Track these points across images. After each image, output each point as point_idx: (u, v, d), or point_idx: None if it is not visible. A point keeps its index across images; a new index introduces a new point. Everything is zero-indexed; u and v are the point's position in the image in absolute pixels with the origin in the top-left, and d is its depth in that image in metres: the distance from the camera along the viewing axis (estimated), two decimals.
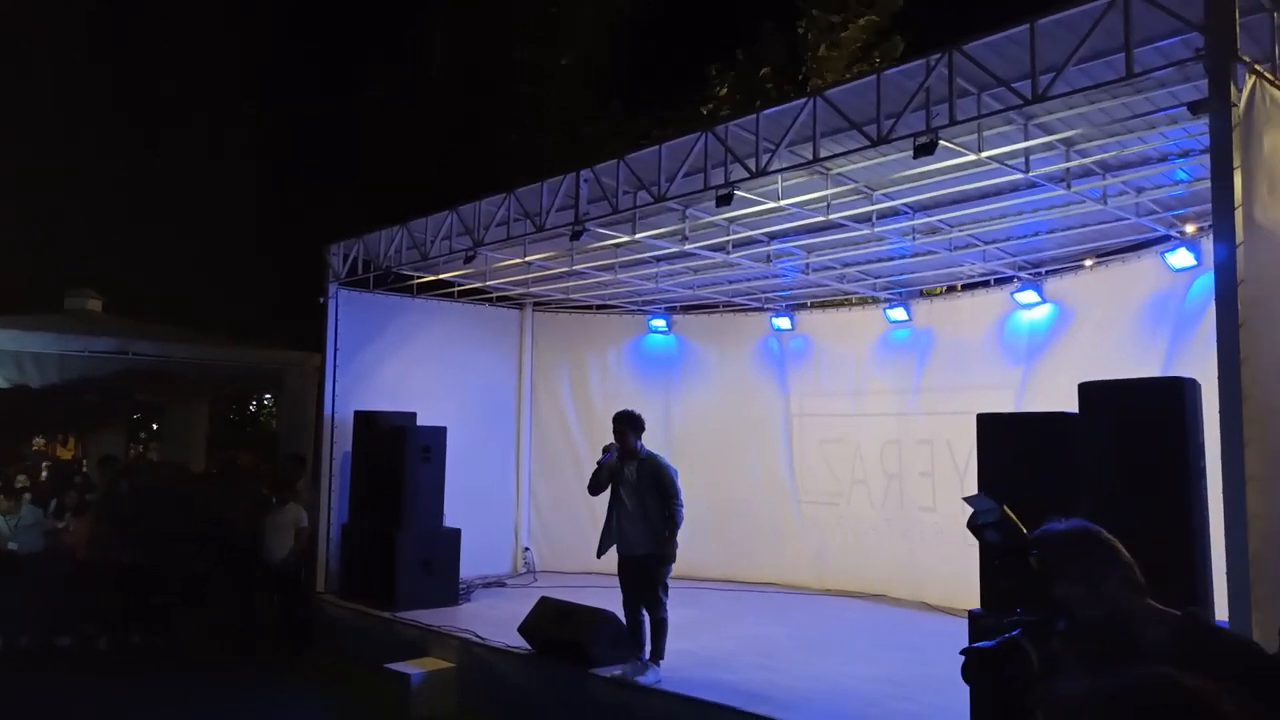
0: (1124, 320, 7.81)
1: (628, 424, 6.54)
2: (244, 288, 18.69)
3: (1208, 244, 7.01)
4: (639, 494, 6.41)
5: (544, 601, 7.16)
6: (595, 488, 6.65)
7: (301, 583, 9.26)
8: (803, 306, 10.89)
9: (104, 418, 14.97)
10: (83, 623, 8.95)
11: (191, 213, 18.69)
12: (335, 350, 9.55)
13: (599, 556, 6.65)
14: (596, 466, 6.66)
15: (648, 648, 6.42)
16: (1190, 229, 7.35)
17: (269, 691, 7.69)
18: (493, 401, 10.94)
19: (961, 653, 2.07)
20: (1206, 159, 6.04)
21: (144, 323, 12.62)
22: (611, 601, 7.09)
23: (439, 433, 9.07)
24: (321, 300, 9.67)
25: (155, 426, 20.05)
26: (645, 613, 6.47)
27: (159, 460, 15.15)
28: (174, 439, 15.60)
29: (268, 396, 20.42)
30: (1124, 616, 2.05)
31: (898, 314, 9.81)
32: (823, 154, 5.93)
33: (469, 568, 9.41)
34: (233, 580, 9.35)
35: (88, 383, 11.19)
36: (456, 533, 9.07)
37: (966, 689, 5.10)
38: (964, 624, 5.37)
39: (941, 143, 5.36)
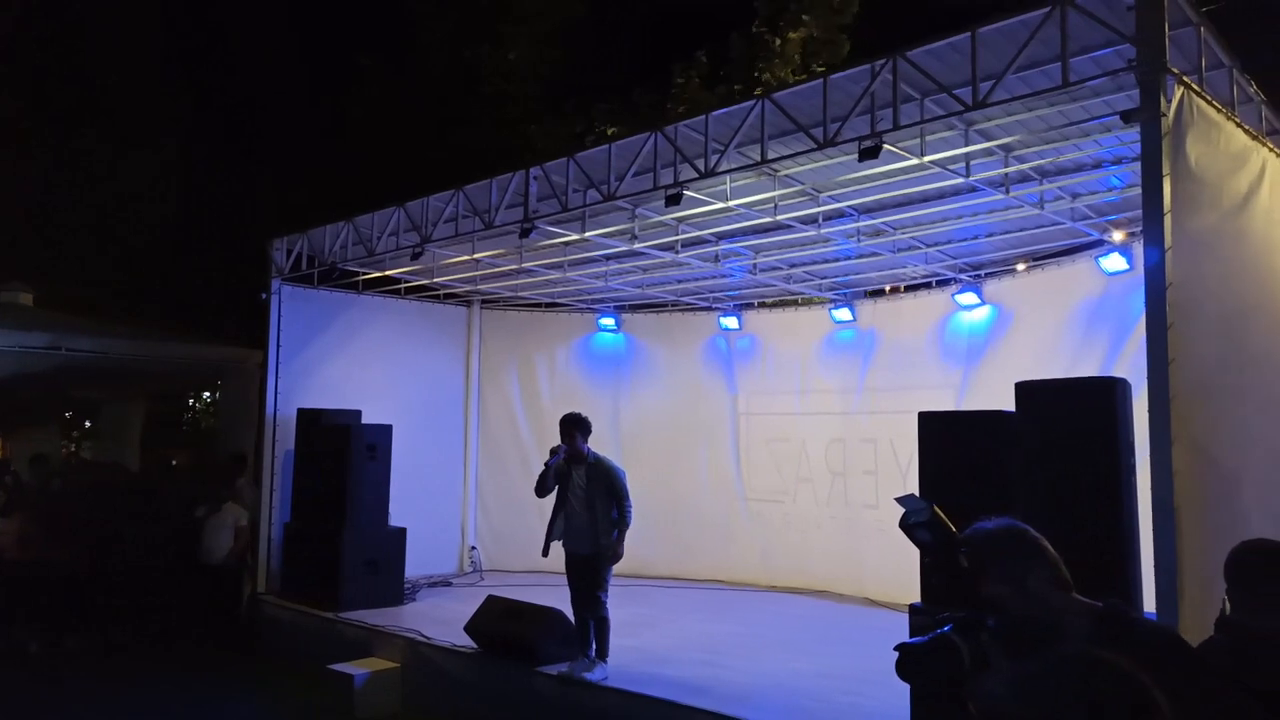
0: (1060, 322, 8.04)
1: (575, 427, 6.53)
2: (183, 283, 18.25)
3: (1139, 249, 7.26)
4: (588, 497, 6.41)
5: (491, 600, 7.14)
6: (541, 490, 6.63)
7: (241, 584, 9.09)
8: (750, 306, 10.99)
9: (36, 415, 14.51)
10: (12, 626, 8.66)
11: (130, 206, 18.19)
12: (278, 347, 9.39)
13: (544, 555, 6.63)
14: (544, 468, 6.63)
15: (594, 645, 6.44)
16: (1118, 235, 7.59)
17: (209, 694, 7.54)
18: (440, 399, 10.85)
19: (895, 649, 2.12)
20: (1138, 166, 6.28)
21: (78, 317, 12.26)
22: (558, 600, 7.08)
23: (384, 431, 8.97)
24: (264, 296, 9.50)
25: (89, 424, 19.50)
26: (577, 610, 6.49)
27: (93, 459, 14.74)
28: (109, 437, 15.18)
29: (206, 394, 19.96)
30: (1049, 611, 2.12)
31: (843, 314, 9.96)
32: (770, 156, 6.01)
33: (415, 567, 9.32)
34: (170, 582, 9.13)
35: (19, 379, 10.84)
36: (402, 532, 8.98)
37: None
38: (906, 618, 5.48)
39: (885, 146, 5.47)
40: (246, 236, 14.69)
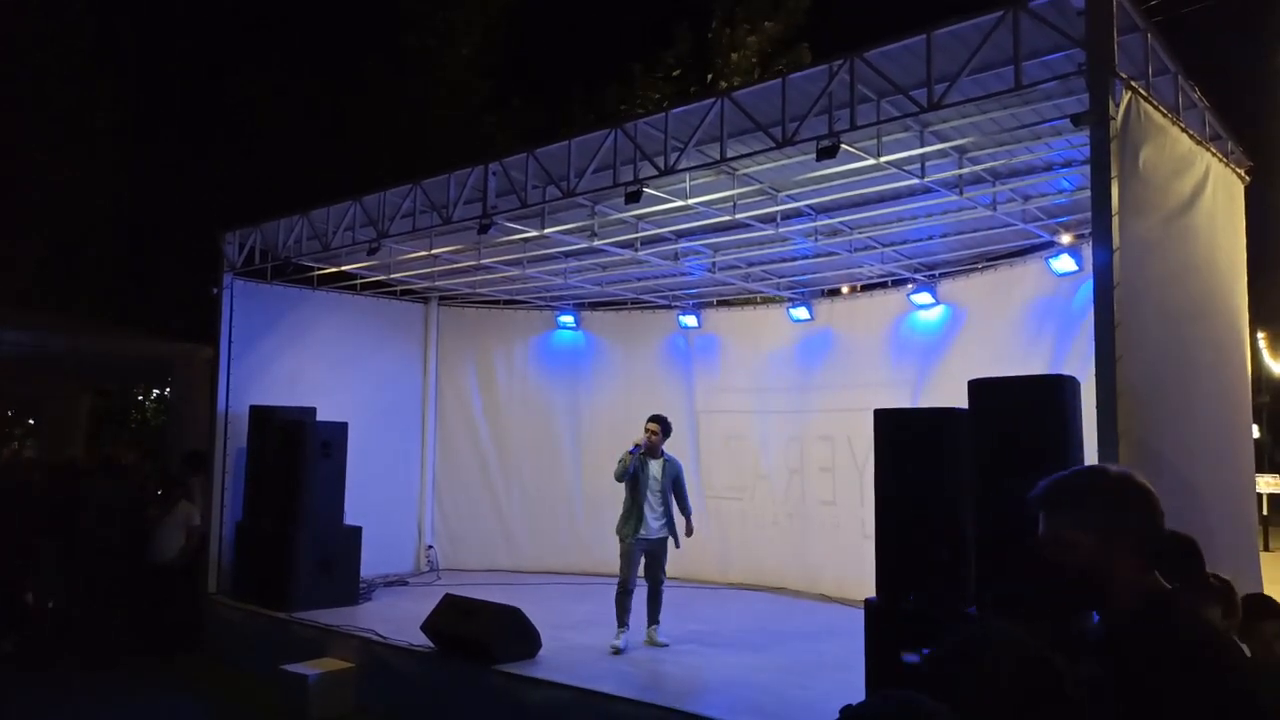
0: (1012, 321, 8.18)
1: (664, 428, 7.50)
2: (128, 276, 17.85)
3: (1088, 250, 7.42)
4: (662, 489, 7.35)
5: (448, 599, 7.08)
6: (622, 477, 7.38)
7: (194, 583, 8.90)
8: (709, 305, 11.04)
9: None
10: None
11: (72, 196, 17.69)
12: (230, 343, 9.21)
13: (624, 540, 7.29)
14: (627, 455, 7.35)
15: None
16: (1066, 238, 7.75)
17: (159, 695, 7.38)
18: (397, 397, 10.74)
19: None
20: (1087, 169, 6.41)
21: (19, 310, 11.91)
22: (515, 598, 7.07)
23: (339, 428, 8.85)
24: (215, 291, 9.31)
25: (32, 421, 18.99)
26: (649, 584, 7.33)
27: (33, 457, 14.34)
28: (53, 435, 14.79)
29: (156, 390, 19.56)
30: (1107, 579, 1.87)
31: (800, 313, 10.04)
32: (729, 154, 6.04)
33: (370, 566, 9.21)
34: (116, 582, 8.92)
35: None
36: (357, 531, 8.87)
37: (858, 675, 5.28)
38: (855, 612, 5.55)
39: (843, 146, 5.52)
40: (195, 229, 14.42)
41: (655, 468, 7.41)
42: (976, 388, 4.99)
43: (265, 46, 18.65)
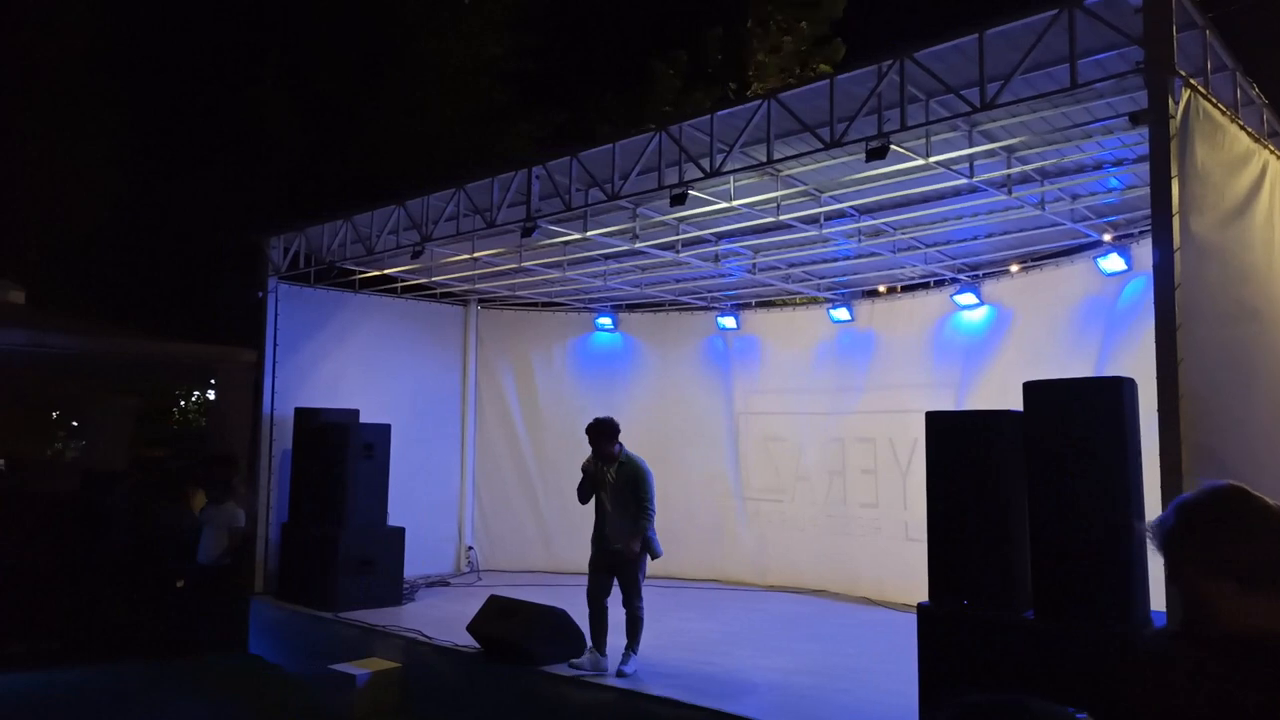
0: (1058, 322, 8.09)
1: (598, 434, 6.68)
2: (173, 281, 18.14)
3: (1137, 249, 7.32)
4: (619, 495, 6.60)
5: (492, 600, 7.12)
6: (582, 498, 6.78)
7: (238, 583, 9.01)
8: (748, 306, 11.01)
9: (20, 415, 14.37)
10: None
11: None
12: (275, 346, 9.33)
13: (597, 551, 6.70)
14: (582, 475, 6.75)
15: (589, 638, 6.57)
16: (1106, 236, 7.65)
17: (204, 695, 7.48)
18: (437, 399, 10.82)
19: None
20: (1138, 168, 6.33)
21: (65, 315, 12.14)
22: (557, 599, 7.09)
23: (382, 430, 8.93)
24: (260, 294, 9.43)
25: (75, 424, 19.33)
26: (625, 607, 6.56)
27: (75, 458, 14.61)
28: (96, 436, 15.06)
29: (197, 393, 19.85)
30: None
31: (841, 314, 9.98)
32: (775, 156, 6.01)
33: (412, 567, 9.28)
34: (156, 583, 9.04)
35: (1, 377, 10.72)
36: (400, 531, 8.95)
37: (901, 679, 5.24)
38: (897, 616, 5.49)
39: (891, 147, 5.49)
40: (232, 235, 14.60)
41: (610, 473, 6.70)
42: (1032, 389, 4.94)
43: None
